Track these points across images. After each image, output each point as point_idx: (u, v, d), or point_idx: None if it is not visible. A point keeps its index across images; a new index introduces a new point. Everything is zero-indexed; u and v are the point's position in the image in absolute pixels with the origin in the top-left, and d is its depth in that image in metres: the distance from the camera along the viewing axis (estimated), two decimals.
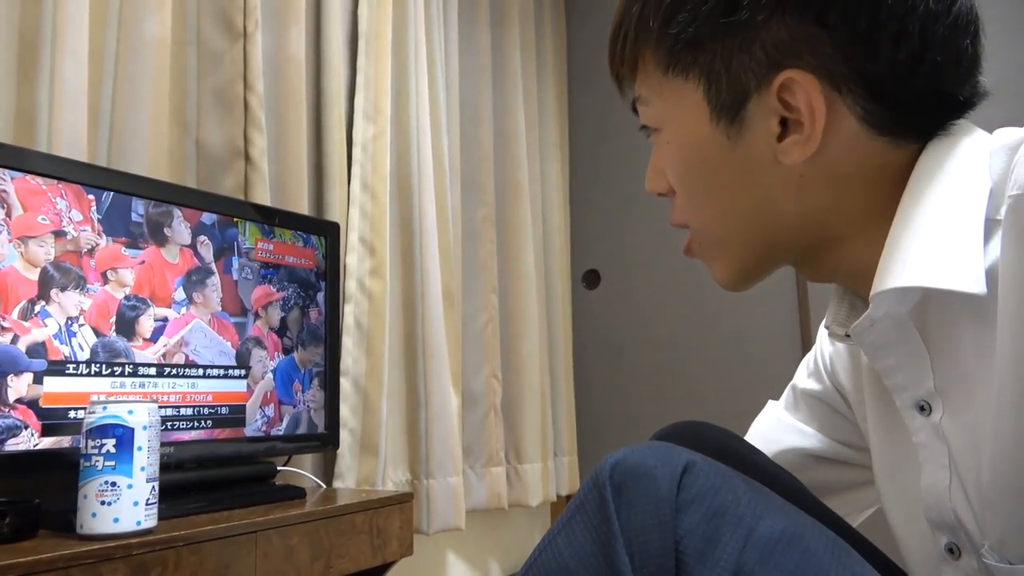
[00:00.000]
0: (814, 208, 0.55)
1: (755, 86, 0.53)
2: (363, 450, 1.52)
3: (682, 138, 0.58)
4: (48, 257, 0.95)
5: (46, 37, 1.09)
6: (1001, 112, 0.60)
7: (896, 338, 0.52)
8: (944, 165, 0.50)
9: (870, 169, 0.53)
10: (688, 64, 0.55)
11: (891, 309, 0.51)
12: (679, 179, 0.60)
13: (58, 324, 0.95)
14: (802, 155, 0.53)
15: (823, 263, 0.58)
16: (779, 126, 0.53)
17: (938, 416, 0.52)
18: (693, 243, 0.62)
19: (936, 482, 0.53)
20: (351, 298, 1.55)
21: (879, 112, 0.51)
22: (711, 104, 0.55)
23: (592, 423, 2.32)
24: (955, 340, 0.50)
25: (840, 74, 0.51)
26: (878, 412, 0.63)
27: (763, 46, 0.52)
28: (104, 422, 0.82)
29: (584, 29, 2.52)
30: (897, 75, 0.51)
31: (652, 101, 0.59)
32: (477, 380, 1.92)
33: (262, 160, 1.36)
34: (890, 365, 0.54)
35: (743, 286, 0.61)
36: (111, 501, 0.81)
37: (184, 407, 1.09)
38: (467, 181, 2.01)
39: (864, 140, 0.52)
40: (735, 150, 0.55)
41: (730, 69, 0.54)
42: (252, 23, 1.38)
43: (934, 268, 0.47)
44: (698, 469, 0.49)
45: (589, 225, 2.42)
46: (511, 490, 1.98)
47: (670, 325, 2.22)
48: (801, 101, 0.51)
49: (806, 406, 0.78)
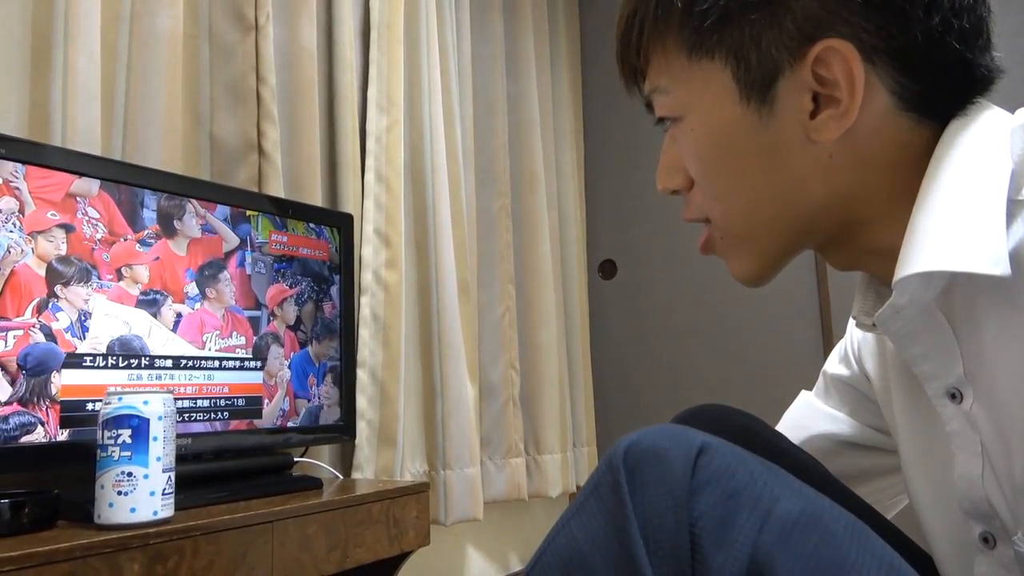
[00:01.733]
0: (841, 190, 0.53)
1: (787, 61, 0.51)
2: (381, 441, 1.53)
3: (708, 123, 0.56)
4: (59, 252, 0.95)
5: (59, 33, 1.09)
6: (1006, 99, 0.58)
7: (923, 325, 0.51)
8: (964, 145, 0.49)
9: (894, 148, 0.52)
10: (715, 44, 0.54)
11: (916, 296, 0.49)
12: (703, 167, 0.58)
13: (69, 319, 0.95)
14: (838, 129, 0.51)
15: (848, 248, 0.57)
16: (812, 102, 0.52)
17: (969, 403, 0.50)
18: (714, 237, 0.60)
19: (969, 470, 0.52)
20: (367, 290, 1.55)
21: (909, 86, 0.51)
22: (740, 83, 0.53)
23: (611, 413, 2.31)
24: (982, 325, 0.49)
25: (873, 45, 0.50)
26: (906, 401, 0.61)
27: (795, 19, 0.51)
28: (119, 413, 0.83)
29: (597, 15, 2.50)
30: (929, 44, 0.50)
31: (672, 89, 0.57)
32: (495, 371, 1.92)
33: (275, 152, 1.37)
34: (918, 353, 0.52)
35: (764, 280, 0.60)
36: (128, 491, 0.82)
37: (201, 399, 1.10)
38: (482, 171, 2.00)
39: (892, 116, 0.51)
40: (765, 131, 0.53)
41: (760, 45, 0.52)
42: (263, 16, 1.38)
43: (956, 251, 0.46)
44: (713, 450, 0.48)
45: (605, 214, 2.40)
46: (531, 481, 1.98)
47: (687, 314, 2.21)
48: (839, 72, 0.50)
49: (837, 392, 0.77)
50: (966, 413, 0.51)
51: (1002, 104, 0.54)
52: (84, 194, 0.98)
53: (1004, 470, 0.49)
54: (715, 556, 0.44)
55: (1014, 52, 1.77)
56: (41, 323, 0.92)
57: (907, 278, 0.48)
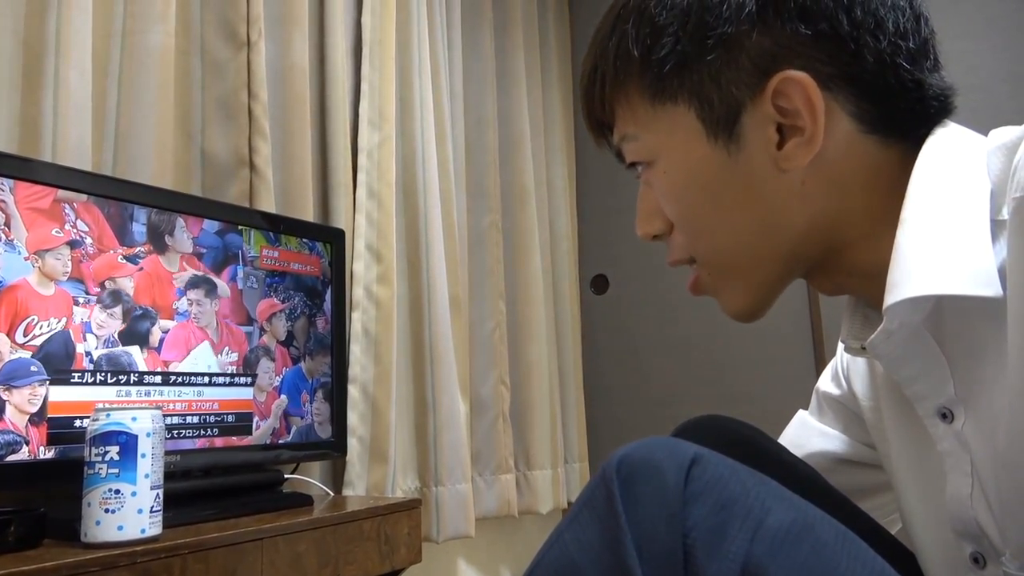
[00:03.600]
0: (819, 214, 0.54)
1: (748, 97, 0.53)
2: (372, 458, 1.52)
3: (679, 164, 0.57)
4: (66, 270, 0.95)
5: (50, 47, 1.09)
6: (1015, 104, 0.59)
7: (913, 348, 0.51)
8: (942, 167, 0.50)
9: (866, 171, 0.53)
10: (676, 88, 0.55)
11: (905, 319, 0.50)
12: (680, 208, 0.59)
13: (66, 334, 0.95)
14: (806, 156, 0.53)
15: (834, 272, 0.58)
16: (777, 134, 0.53)
17: (960, 423, 0.51)
18: (702, 276, 0.61)
19: (960, 490, 0.52)
20: (358, 305, 1.55)
21: (868, 109, 0.52)
22: (705, 123, 0.55)
23: (603, 429, 2.31)
24: (971, 344, 0.49)
25: (827, 74, 0.52)
26: (898, 422, 0.62)
27: (750, 57, 0.53)
28: (107, 429, 0.82)
29: (588, 32, 2.51)
30: (881, 67, 0.51)
31: (641, 135, 0.59)
32: (485, 386, 1.91)
33: (267, 168, 1.37)
34: (909, 375, 0.53)
35: (757, 314, 0.61)
36: (115, 509, 0.81)
37: (190, 415, 1.09)
38: (473, 187, 2.01)
39: (857, 139, 0.53)
40: (736, 165, 0.55)
41: (720, 85, 0.54)
42: (256, 32, 1.38)
43: (945, 274, 0.47)
44: (705, 462, 0.49)
45: (596, 230, 2.41)
46: (521, 497, 1.97)
47: (679, 329, 2.21)
48: (799, 100, 0.52)
49: (830, 410, 0.78)
50: (957, 433, 0.51)
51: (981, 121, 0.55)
52: (74, 207, 0.98)
53: (993, 489, 0.49)
54: (708, 566, 0.45)
55: (995, 72, 1.80)
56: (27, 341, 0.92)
57: (897, 304, 0.48)
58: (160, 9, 1.25)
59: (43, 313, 0.93)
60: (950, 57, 0.57)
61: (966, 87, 0.58)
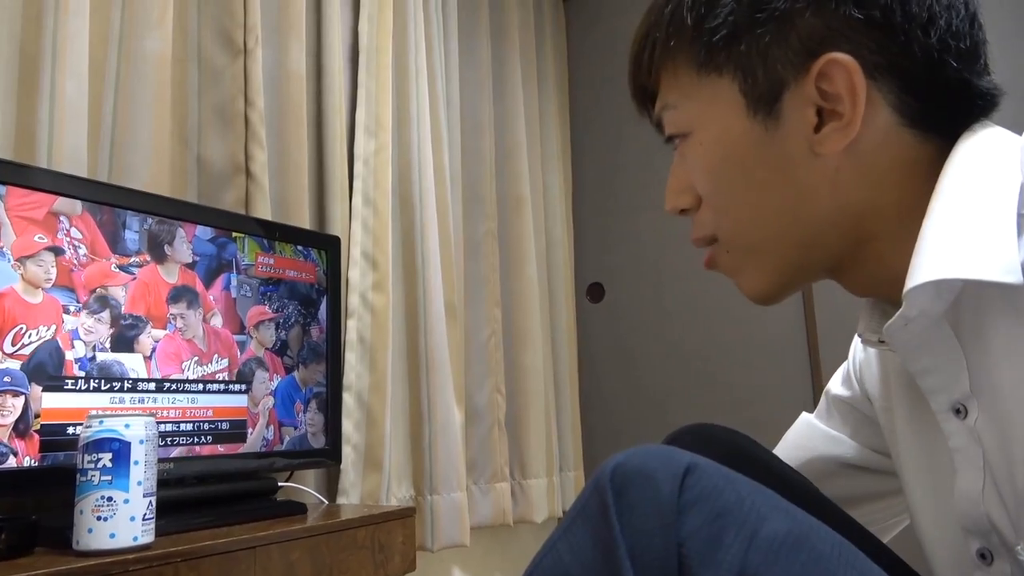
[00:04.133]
0: (849, 204, 0.54)
1: (792, 76, 0.53)
2: (367, 466, 1.51)
3: (716, 136, 0.58)
4: (48, 276, 0.94)
5: (47, 53, 1.09)
6: (1013, 114, 0.59)
7: (931, 338, 0.51)
8: (975, 161, 0.50)
9: (901, 163, 0.53)
10: (723, 59, 0.56)
11: (926, 308, 0.50)
12: (711, 181, 0.59)
13: (55, 343, 0.94)
14: (841, 141, 0.53)
15: (861, 267, 0.57)
16: (816, 116, 0.53)
17: (973, 418, 0.51)
18: (720, 253, 0.61)
19: (970, 486, 0.52)
20: (354, 313, 1.54)
21: (911, 103, 0.52)
22: (747, 97, 0.55)
23: (598, 438, 2.30)
24: (989, 338, 0.49)
25: (874, 63, 0.52)
26: (910, 418, 0.62)
27: (799, 36, 0.53)
28: (100, 436, 0.81)
29: (584, 40, 2.53)
30: (929, 63, 0.51)
31: (682, 104, 0.59)
32: (481, 394, 1.91)
33: (263, 175, 1.37)
34: (925, 367, 0.53)
35: (774, 297, 0.60)
36: (107, 516, 0.80)
37: (184, 422, 1.08)
38: (469, 194, 2.01)
39: (895, 131, 0.53)
40: (772, 143, 0.55)
41: (766, 61, 0.54)
42: (252, 39, 1.38)
43: (967, 260, 0.47)
44: (700, 470, 0.48)
45: (592, 238, 2.41)
46: (516, 506, 1.96)
47: (676, 338, 2.21)
48: (841, 85, 0.52)
49: (839, 413, 0.78)
50: (970, 428, 0.51)
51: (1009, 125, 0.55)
52: (67, 214, 0.98)
53: (1007, 483, 0.49)
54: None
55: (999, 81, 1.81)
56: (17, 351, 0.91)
57: (918, 288, 0.48)
58: (157, 16, 1.25)
59: (31, 322, 0.92)
60: None
61: None
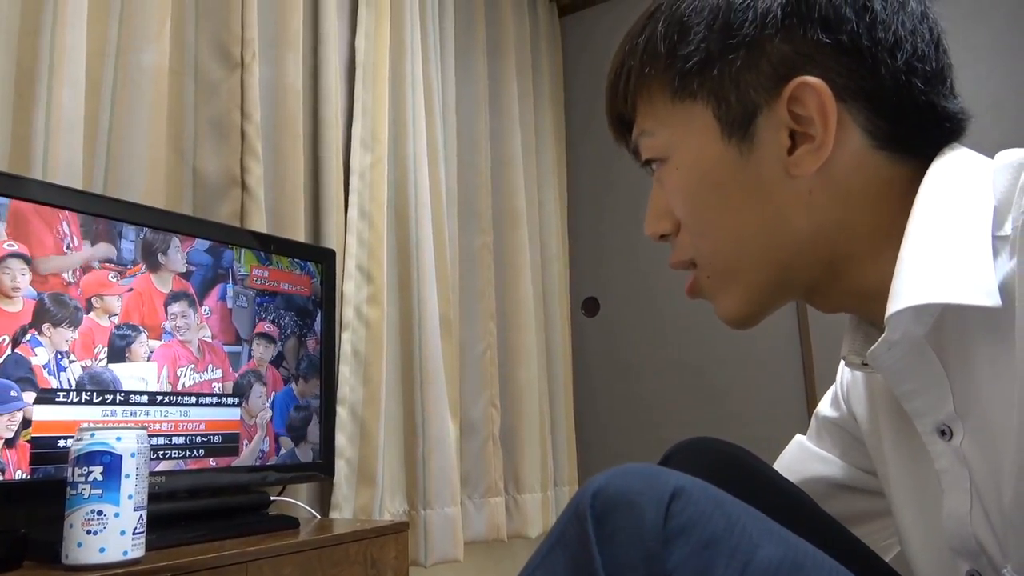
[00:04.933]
0: (824, 225, 0.55)
1: (764, 100, 0.54)
2: (360, 480, 1.50)
3: (692, 161, 0.58)
4: (14, 283, 0.94)
5: (43, 66, 1.09)
6: (1000, 131, 0.60)
7: (915, 361, 0.52)
8: (949, 185, 0.51)
9: (874, 185, 0.54)
10: (697, 86, 0.57)
11: (908, 331, 0.50)
12: (689, 205, 0.59)
13: (47, 354, 0.94)
14: (815, 163, 0.53)
15: (835, 287, 0.58)
16: (789, 139, 0.54)
17: (959, 439, 0.51)
18: (700, 277, 0.61)
19: (958, 508, 0.52)
20: (348, 326, 1.54)
21: (881, 124, 0.53)
22: (721, 122, 0.56)
23: (593, 452, 2.30)
24: (972, 360, 0.49)
25: (844, 86, 0.53)
26: (897, 440, 0.62)
27: (770, 62, 0.54)
28: (91, 449, 0.81)
29: (580, 56, 2.54)
30: (896, 85, 0.53)
31: (658, 131, 0.60)
32: (475, 408, 1.90)
33: (259, 188, 1.37)
34: (909, 389, 0.53)
35: (750, 320, 0.61)
36: (97, 530, 0.80)
37: (176, 435, 1.08)
38: (464, 208, 2.01)
39: (868, 153, 0.54)
40: (747, 166, 0.56)
41: (739, 86, 0.55)
42: (249, 54, 1.39)
43: (948, 284, 0.47)
44: (687, 495, 0.46)
45: (588, 252, 2.42)
46: (510, 521, 1.95)
47: (671, 352, 2.21)
48: (812, 108, 0.53)
49: (828, 434, 0.78)
50: (955, 450, 0.51)
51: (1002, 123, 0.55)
52: (66, 227, 0.97)
53: (993, 504, 0.49)
54: None
55: (978, 100, 1.83)
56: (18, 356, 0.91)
57: (899, 312, 0.49)
58: (155, 30, 1.25)
59: (7, 330, 0.91)
60: None
61: None
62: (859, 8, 0.53)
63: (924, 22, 0.54)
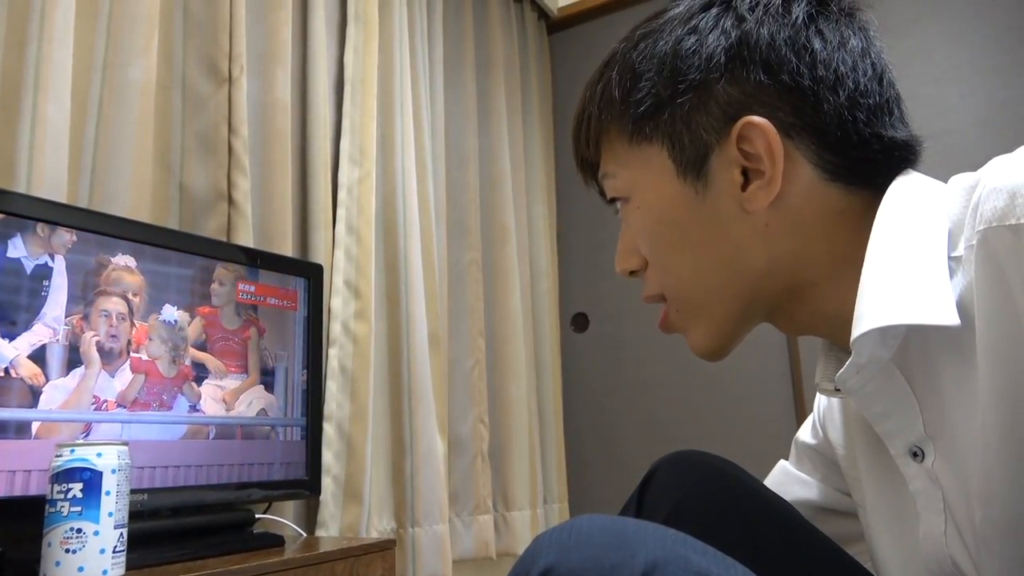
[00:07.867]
0: (782, 256, 0.57)
1: (716, 140, 0.57)
2: (347, 497, 1.49)
3: (652, 200, 0.61)
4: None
5: (29, 79, 1.09)
6: (982, 147, 0.61)
7: (883, 384, 0.52)
8: (905, 210, 0.52)
9: (828, 215, 0.56)
10: (651, 129, 0.59)
11: (874, 354, 0.51)
12: (652, 242, 0.62)
13: (30, 369, 0.93)
14: (767, 198, 0.55)
15: (798, 313, 0.60)
16: (741, 176, 0.56)
17: (931, 460, 0.51)
18: (670, 311, 0.64)
19: (932, 528, 0.52)
20: (335, 341, 1.53)
21: (829, 158, 0.55)
22: (676, 162, 0.58)
23: (583, 469, 2.28)
24: (939, 381, 0.50)
25: (790, 123, 0.55)
26: (871, 465, 0.62)
27: (718, 103, 0.56)
28: (71, 465, 0.79)
29: (569, 73, 2.56)
30: (840, 120, 0.55)
31: (619, 173, 0.63)
32: (464, 425, 1.89)
33: (246, 203, 1.36)
34: (880, 412, 0.54)
35: (721, 352, 0.62)
36: (76, 549, 0.78)
37: None
38: (453, 224, 2.01)
39: (820, 186, 0.56)
40: (703, 204, 0.58)
41: (691, 127, 0.57)
42: (237, 68, 1.39)
43: (907, 306, 0.48)
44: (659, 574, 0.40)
45: (577, 268, 2.42)
46: (499, 539, 1.93)
47: (660, 368, 2.21)
48: (760, 145, 0.55)
49: (808, 460, 0.79)
50: (928, 471, 0.52)
51: (951, 163, 0.56)
52: (48, 241, 0.96)
53: (966, 523, 0.49)
54: None
55: (963, 116, 1.85)
56: None
57: (864, 336, 0.49)
58: (142, 44, 1.25)
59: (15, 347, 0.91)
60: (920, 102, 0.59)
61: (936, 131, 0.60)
62: (799, 48, 0.55)
63: (866, 58, 0.56)
